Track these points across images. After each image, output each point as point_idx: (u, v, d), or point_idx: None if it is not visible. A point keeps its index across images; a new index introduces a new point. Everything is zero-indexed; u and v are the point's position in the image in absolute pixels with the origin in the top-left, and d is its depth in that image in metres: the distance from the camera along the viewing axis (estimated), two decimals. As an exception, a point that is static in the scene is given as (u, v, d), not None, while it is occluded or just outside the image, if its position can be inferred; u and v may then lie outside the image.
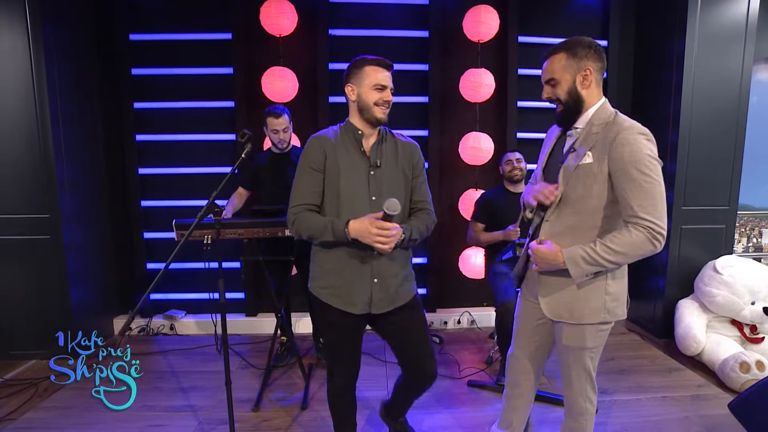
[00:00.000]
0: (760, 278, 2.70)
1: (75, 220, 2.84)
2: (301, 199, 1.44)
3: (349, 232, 1.34)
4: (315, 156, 1.44)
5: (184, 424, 1.99)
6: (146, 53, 3.15)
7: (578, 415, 1.45)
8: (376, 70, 1.46)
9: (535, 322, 1.49)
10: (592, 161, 1.25)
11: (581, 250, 1.23)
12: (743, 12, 2.95)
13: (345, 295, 1.44)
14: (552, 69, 1.31)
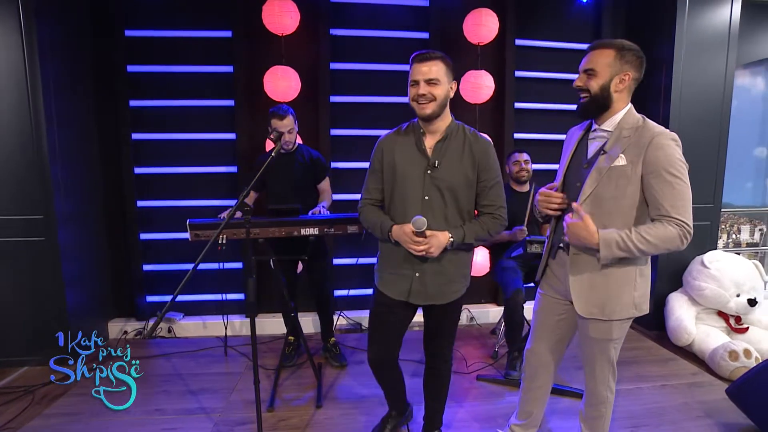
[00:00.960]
0: (744, 272, 2.86)
1: (70, 221, 2.76)
2: (366, 194, 1.62)
3: (392, 236, 1.49)
4: (375, 156, 1.59)
5: (198, 426, 1.97)
6: (142, 50, 3.08)
7: (599, 404, 1.52)
8: (416, 65, 1.46)
9: (556, 317, 1.55)
10: (626, 163, 1.31)
11: (617, 234, 1.28)
12: (726, 19, 3.11)
13: (388, 281, 1.58)
14: (595, 61, 1.35)
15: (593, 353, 1.47)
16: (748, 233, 4.12)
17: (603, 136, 1.41)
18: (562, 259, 1.48)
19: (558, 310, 1.53)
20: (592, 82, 1.35)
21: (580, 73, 1.39)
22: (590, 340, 1.45)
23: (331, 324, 2.66)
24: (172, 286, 3.28)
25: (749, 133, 3.92)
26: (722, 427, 1.97)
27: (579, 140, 1.49)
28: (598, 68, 1.34)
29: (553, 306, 1.54)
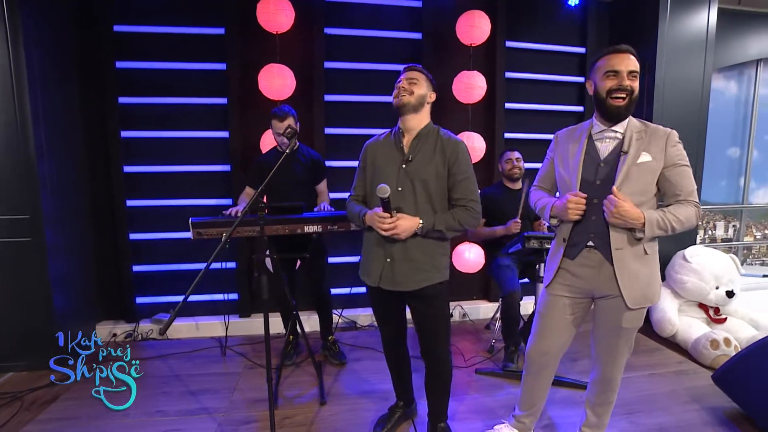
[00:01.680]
0: (722, 265, 3.02)
1: (57, 221, 2.68)
2: (353, 190, 1.80)
3: (365, 221, 1.64)
4: (362, 156, 1.77)
5: (202, 426, 1.95)
6: (132, 46, 3.01)
7: (613, 391, 1.61)
8: (403, 74, 1.68)
9: (570, 317, 1.58)
10: (651, 159, 1.43)
11: (656, 214, 1.42)
12: (704, 25, 3.27)
13: (365, 269, 1.72)
14: (637, 67, 1.43)
15: (619, 343, 1.53)
16: (723, 229, 4.34)
17: (613, 137, 1.48)
18: (589, 259, 1.51)
19: (572, 309, 1.58)
20: (635, 84, 1.43)
21: (624, 73, 1.41)
22: (620, 331, 1.51)
23: (330, 322, 2.67)
24: (163, 287, 3.27)
25: (723, 134, 4.13)
26: (709, 411, 2.08)
27: (586, 145, 1.53)
28: (638, 72, 1.43)
29: (568, 306, 1.58)
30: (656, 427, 1.95)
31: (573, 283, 1.55)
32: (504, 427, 1.80)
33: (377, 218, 1.55)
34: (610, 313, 1.51)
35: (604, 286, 1.49)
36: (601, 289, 1.50)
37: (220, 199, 3.23)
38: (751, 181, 4.23)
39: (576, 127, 1.62)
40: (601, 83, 1.45)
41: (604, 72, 1.44)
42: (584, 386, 2.21)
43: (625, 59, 1.42)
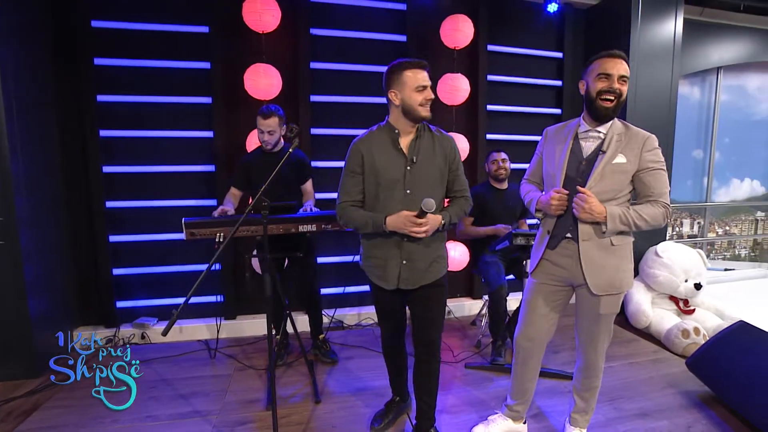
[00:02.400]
0: (690, 260, 3.21)
1: (32, 224, 2.56)
2: (346, 196, 1.67)
3: (386, 226, 1.57)
4: (354, 160, 1.65)
5: (196, 429, 1.92)
6: (111, 42, 2.92)
7: (596, 376, 1.71)
8: (416, 72, 1.56)
9: (553, 303, 1.69)
10: (626, 161, 1.52)
11: (619, 210, 1.51)
12: (671, 34, 3.47)
13: (381, 274, 1.69)
14: (627, 72, 1.51)
15: (599, 329, 1.63)
16: (689, 226, 4.60)
17: (596, 136, 1.57)
18: (567, 249, 1.61)
19: (556, 296, 1.68)
20: (624, 87, 1.51)
21: (615, 76, 1.49)
22: (598, 317, 1.61)
23: (320, 321, 2.67)
24: (145, 290, 3.18)
25: (688, 137, 4.38)
26: (684, 395, 2.21)
27: (572, 143, 1.62)
28: (628, 78, 1.52)
29: (550, 293, 1.68)
30: (638, 411, 2.07)
31: (554, 272, 1.66)
32: (498, 417, 1.86)
33: (411, 222, 1.53)
34: (588, 301, 1.62)
35: (579, 275, 1.59)
36: (577, 278, 1.60)
37: (204, 200, 3.18)
38: (713, 181, 4.51)
39: (564, 125, 1.71)
40: (593, 84, 1.54)
41: (597, 74, 1.53)
42: (567, 376, 2.33)
43: (617, 64, 1.51)
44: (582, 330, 1.68)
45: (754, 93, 4.59)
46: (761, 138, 4.73)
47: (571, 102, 3.77)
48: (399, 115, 1.62)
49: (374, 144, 1.65)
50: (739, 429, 1.93)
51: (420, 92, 1.56)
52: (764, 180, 4.81)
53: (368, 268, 1.74)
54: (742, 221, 4.86)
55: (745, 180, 4.73)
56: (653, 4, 3.39)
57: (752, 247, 5.00)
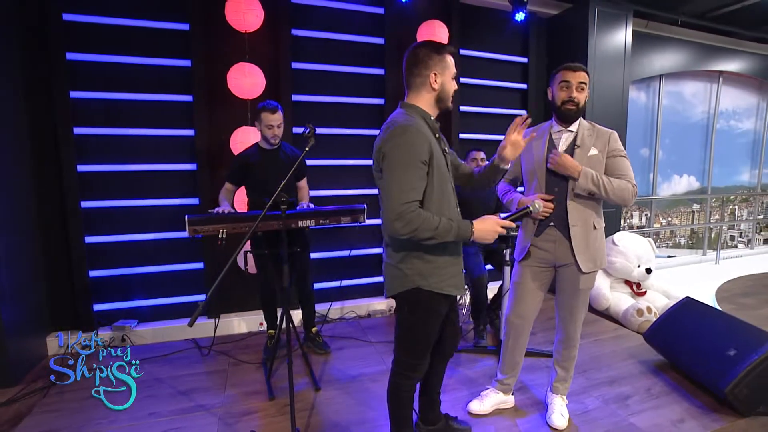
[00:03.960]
0: (642, 247, 3.58)
1: (3, 227, 2.46)
2: (414, 194, 1.33)
3: (475, 234, 1.38)
4: (423, 149, 1.34)
5: (204, 422, 1.96)
6: (84, 37, 2.83)
7: (574, 346, 1.93)
8: (452, 61, 1.45)
9: (539, 283, 1.90)
10: (598, 153, 1.76)
11: (592, 171, 1.74)
12: (622, 43, 3.84)
13: (455, 282, 1.50)
14: (585, 79, 1.76)
15: (578, 304, 1.86)
16: (638, 218, 5.08)
17: (568, 135, 1.81)
18: (550, 236, 1.83)
19: (541, 276, 1.90)
20: (582, 95, 1.75)
21: (573, 84, 1.73)
22: (578, 293, 1.83)
23: (314, 314, 2.75)
24: (123, 292, 3.11)
25: (636, 137, 4.84)
26: (642, 364, 2.52)
27: (548, 140, 1.85)
28: (587, 87, 1.76)
29: (537, 274, 1.89)
30: (606, 379, 2.34)
31: (539, 256, 1.87)
32: (490, 391, 2.06)
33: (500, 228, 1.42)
34: (569, 279, 1.85)
35: (563, 256, 1.82)
36: (560, 259, 1.83)
37: (185, 199, 3.15)
38: (658, 177, 5.01)
39: (538, 127, 1.93)
40: (557, 93, 1.80)
41: (559, 82, 1.78)
42: (544, 354, 2.57)
43: (576, 75, 1.76)
44: (563, 305, 1.90)
45: (689, 98, 5.14)
46: (696, 139, 5.30)
47: (536, 103, 4.07)
48: (431, 101, 1.45)
49: (427, 132, 1.40)
50: (689, 388, 2.24)
51: (454, 82, 1.47)
52: (699, 176, 5.39)
53: (441, 282, 1.46)
54: (681, 213, 5.42)
55: (683, 176, 5.28)
56: (607, 15, 3.74)
57: (690, 236, 5.59)
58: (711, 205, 5.57)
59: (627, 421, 1.95)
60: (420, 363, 1.55)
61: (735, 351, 2.00)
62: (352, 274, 3.59)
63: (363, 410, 2.06)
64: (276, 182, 2.44)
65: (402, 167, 1.33)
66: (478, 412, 2.02)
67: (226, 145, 3.01)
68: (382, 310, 3.55)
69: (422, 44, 1.46)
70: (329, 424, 1.96)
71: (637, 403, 2.11)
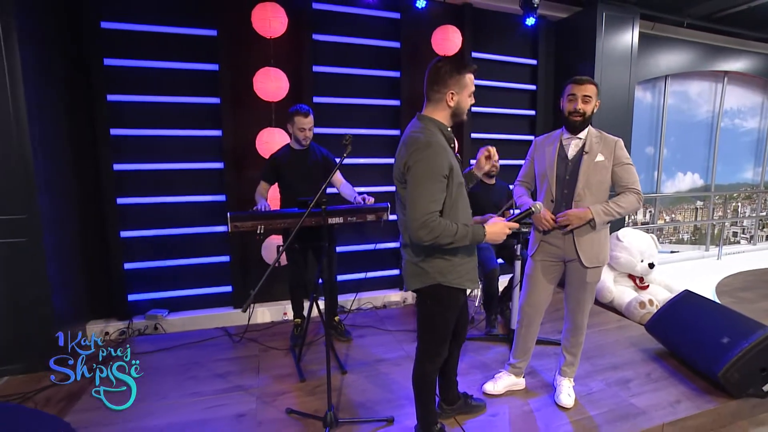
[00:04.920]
0: (645, 243, 3.75)
1: (52, 221, 2.66)
2: (435, 205, 1.48)
3: (488, 237, 1.57)
4: (444, 164, 1.48)
5: (243, 400, 2.17)
6: (120, 44, 3.01)
7: (582, 333, 2.12)
8: (472, 78, 1.58)
9: (550, 276, 2.09)
10: (604, 159, 1.93)
11: (600, 207, 1.91)
12: (628, 44, 3.97)
13: (473, 277, 1.71)
14: (591, 91, 1.92)
15: (585, 296, 2.05)
16: (642, 214, 5.23)
17: (577, 142, 1.99)
18: (559, 233, 2.01)
19: (552, 270, 2.08)
20: (588, 106, 1.92)
21: (579, 97, 1.91)
22: (586, 285, 2.02)
23: (337, 304, 2.95)
24: (155, 284, 3.33)
25: (642, 136, 4.97)
26: (644, 352, 2.70)
27: (558, 148, 2.03)
28: (592, 96, 1.92)
29: (548, 268, 2.08)
30: (610, 365, 2.52)
31: (549, 251, 2.06)
32: (503, 374, 2.25)
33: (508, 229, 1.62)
34: (577, 273, 2.03)
35: (571, 252, 2.00)
36: (569, 254, 2.02)
37: (213, 196, 3.34)
38: (662, 174, 5.15)
39: (550, 134, 2.12)
40: (565, 104, 1.98)
41: (568, 95, 1.97)
42: (552, 342, 2.76)
43: (582, 88, 1.93)
44: (571, 297, 2.08)
45: (695, 98, 5.26)
46: (701, 137, 5.43)
47: (544, 104, 4.21)
48: (447, 116, 1.59)
49: (446, 144, 1.54)
50: (686, 373, 2.42)
51: (471, 98, 1.61)
52: (702, 174, 5.53)
53: (459, 278, 1.62)
54: (685, 210, 5.56)
55: (687, 173, 5.42)
56: (614, 18, 3.87)
57: (693, 232, 5.74)
58: (714, 202, 5.70)
59: (627, 402, 2.14)
60: (441, 349, 1.72)
61: (728, 339, 2.18)
62: (369, 267, 3.78)
63: (388, 390, 2.26)
64: (305, 180, 2.64)
65: (426, 180, 1.47)
66: (492, 392, 2.21)
67: (251, 145, 3.19)
68: (397, 302, 3.74)
69: (445, 61, 1.57)
70: (357, 403, 2.16)
71: (637, 386, 2.30)
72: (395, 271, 3.89)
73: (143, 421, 2.01)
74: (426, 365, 1.72)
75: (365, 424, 1.97)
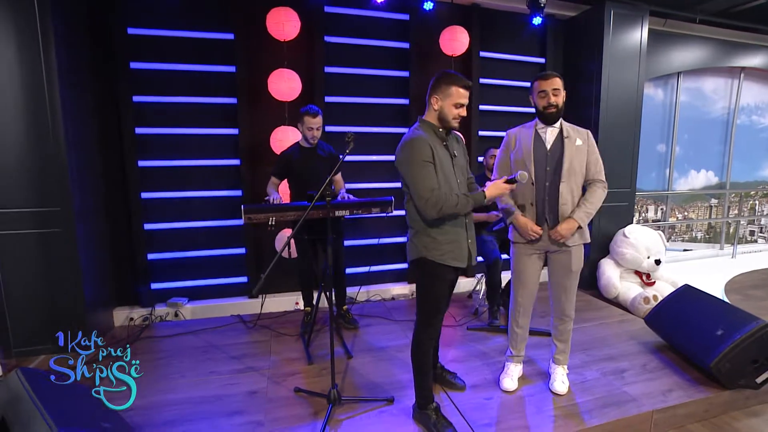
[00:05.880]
0: (652, 239, 3.76)
1: (83, 213, 2.88)
2: (433, 182, 1.75)
3: (488, 196, 1.84)
4: (425, 152, 1.75)
5: (255, 380, 2.33)
6: (145, 47, 3.22)
7: (570, 320, 2.22)
8: (460, 91, 1.79)
9: (536, 266, 2.20)
10: (582, 143, 2.07)
11: (582, 214, 2.05)
12: (637, 42, 3.98)
13: (457, 254, 1.87)
14: (558, 84, 2.04)
15: (571, 283, 2.15)
16: (653, 212, 5.21)
17: (552, 130, 2.09)
18: (543, 227, 2.11)
19: (536, 259, 2.19)
20: (559, 98, 2.04)
21: (549, 92, 2.02)
22: (571, 274, 2.12)
23: (345, 295, 3.10)
24: (176, 273, 3.54)
25: (653, 133, 4.96)
26: (642, 345, 2.76)
27: (534, 136, 2.13)
28: (561, 89, 2.04)
29: (533, 258, 2.19)
30: (606, 356, 2.60)
31: (534, 244, 2.16)
32: (511, 366, 2.34)
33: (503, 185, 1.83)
34: (562, 261, 2.14)
35: (554, 243, 2.10)
36: (552, 246, 2.12)
37: (230, 191, 3.53)
38: (674, 172, 5.12)
39: (524, 125, 2.23)
40: (537, 101, 2.09)
41: (538, 92, 2.07)
42: (546, 333, 2.84)
43: (550, 82, 2.04)
44: (558, 286, 2.18)
45: (710, 95, 5.20)
46: (716, 134, 5.36)
47: (553, 102, 4.26)
48: (436, 117, 1.84)
49: (431, 140, 1.79)
50: (682, 365, 2.47)
51: (457, 108, 1.80)
52: (718, 171, 5.46)
53: (443, 254, 1.83)
54: (699, 207, 5.51)
55: (701, 171, 5.36)
56: (622, 16, 3.89)
57: (707, 230, 5.67)
58: (729, 200, 5.62)
59: (620, 390, 2.22)
60: (434, 320, 1.92)
61: (722, 331, 2.23)
62: (379, 260, 3.92)
63: (390, 374, 2.39)
64: (313, 175, 2.79)
65: (415, 167, 1.76)
66: (513, 388, 2.24)
67: (266, 143, 3.36)
68: (405, 294, 3.87)
69: (442, 73, 1.84)
70: (361, 383, 2.30)
71: (632, 376, 2.37)
72: (403, 264, 4.01)
73: (163, 396, 2.20)
74: (420, 334, 1.93)
75: (367, 402, 2.11)
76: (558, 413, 2.03)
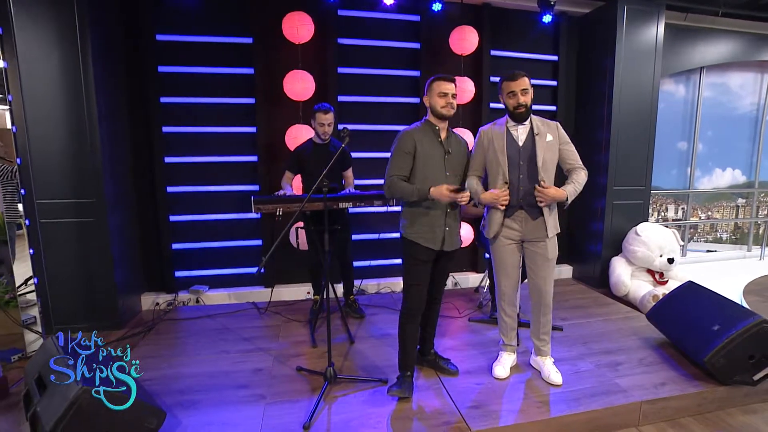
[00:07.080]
0: (665, 238, 3.71)
1: (115, 205, 3.15)
2: (397, 171, 2.07)
3: (431, 194, 2.00)
4: (408, 144, 2.06)
5: (262, 359, 2.52)
6: (172, 52, 3.48)
7: (550, 309, 2.28)
8: (440, 83, 2.07)
9: (515, 257, 2.27)
10: (553, 139, 2.14)
11: (570, 187, 2.15)
12: (653, 38, 3.93)
13: (430, 239, 2.09)
14: (526, 84, 2.12)
15: (548, 273, 2.22)
16: (674, 211, 5.08)
17: (523, 128, 2.16)
18: (518, 216, 2.20)
19: (515, 250, 2.26)
20: (527, 98, 2.12)
21: (518, 92, 2.10)
22: (548, 262, 2.20)
23: (352, 285, 3.25)
24: (198, 262, 3.78)
25: (674, 130, 4.84)
26: (643, 341, 2.76)
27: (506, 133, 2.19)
28: (529, 89, 2.12)
29: (511, 248, 2.25)
30: (604, 350, 2.62)
31: (509, 235, 2.23)
32: (505, 355, 2.42)
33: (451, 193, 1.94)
34: (539, 251, 2.21)
35: (531, 233, 2.19)
36: (528, 236, 2.20)
37: (248, 186, 3.74)
38: (696, 170, 4.98)
39: (495, 122, 2.30)
40: (506, 101, 2.18)
41: (507, 92, 2.15)
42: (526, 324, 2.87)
43: (518, 83, 2.10)
44: (537, 276, 2.23)
45: (736, 90, 5.02)
46: (743, 131, 5.16)
47: (565, 100, 4.25)
48: (431, 114, 2.11)
49: (420, 134, 2.08)
50: (680, 360, 2.47)
51: (441, 97, 2.05)
52: (745, 169, 5.26)
53: (415, 234, 2.08)
54: (724, 207, 5.32)
55: (727, 169, 5.18)
56: (637, 13, 3.84)
57: (733, 231, 5.46)
58: (759, 200, 5.40)
59: (612, 381, 2.25)
60: (413, 297, 2.12)
61: (719, 326, 2.22)
62: (389, 255, 4.04)
63: (388, 358, 2.51)
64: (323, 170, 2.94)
65: (392, 156, 2.10)
66: (504, 375, 2.32)
67: (281, 141, 3.56)
68: (399, 289, 3.97)
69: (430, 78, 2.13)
70: (360, 365, 2.44)
71: (626, 369, 2.39)
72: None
73: (179, 369, 2.42)
74: (402, 310, 2.18)
75: (361, 382, 2.25)
76: (543, 399, 2.09)
